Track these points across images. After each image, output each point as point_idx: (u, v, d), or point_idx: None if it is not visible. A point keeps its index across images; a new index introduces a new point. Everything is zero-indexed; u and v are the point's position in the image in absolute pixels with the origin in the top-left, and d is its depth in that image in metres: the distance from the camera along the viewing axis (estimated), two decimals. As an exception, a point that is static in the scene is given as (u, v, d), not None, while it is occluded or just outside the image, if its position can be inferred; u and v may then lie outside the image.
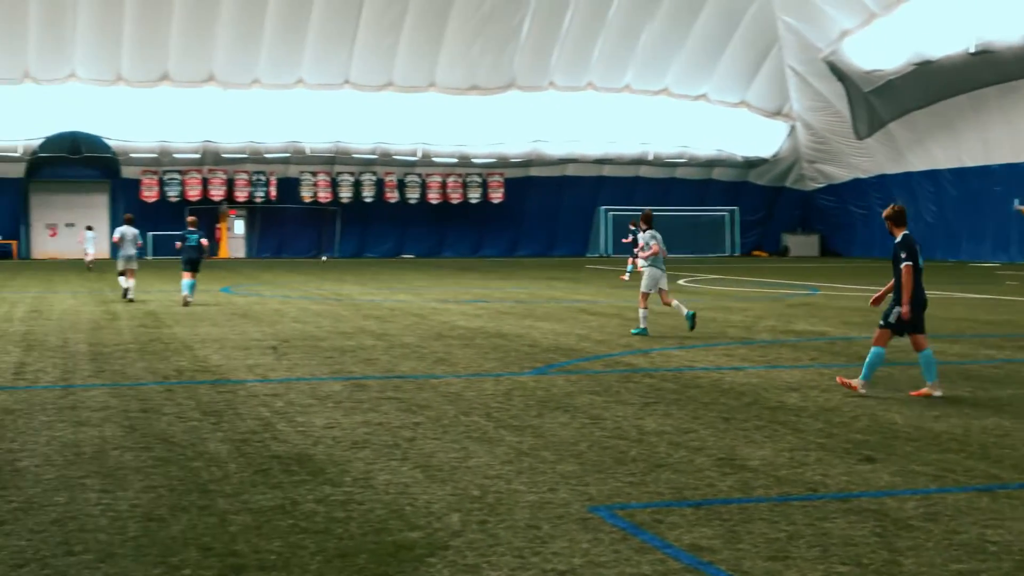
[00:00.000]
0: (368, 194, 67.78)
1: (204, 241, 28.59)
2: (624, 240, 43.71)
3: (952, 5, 53.50)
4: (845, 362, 16.61)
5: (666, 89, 68.37)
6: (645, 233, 21.19)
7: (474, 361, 16.68)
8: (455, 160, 68.92)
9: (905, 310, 13.07)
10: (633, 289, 34.40)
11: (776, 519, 7.82)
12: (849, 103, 63.91)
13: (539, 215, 70.83)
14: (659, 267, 20.81)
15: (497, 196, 69.60)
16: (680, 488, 8.72)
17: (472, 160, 69.06)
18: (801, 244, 73.30)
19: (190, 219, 29.32)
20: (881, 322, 13.35)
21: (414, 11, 61.35)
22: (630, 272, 38.70)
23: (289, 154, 66.34)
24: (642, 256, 21.18)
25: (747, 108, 70.00)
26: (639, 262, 21.92)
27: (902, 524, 7.70)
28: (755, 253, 73.63)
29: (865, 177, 67.48)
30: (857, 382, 13.39)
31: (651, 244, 20.91)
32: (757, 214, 74.25)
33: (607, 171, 71.42)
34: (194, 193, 65.10)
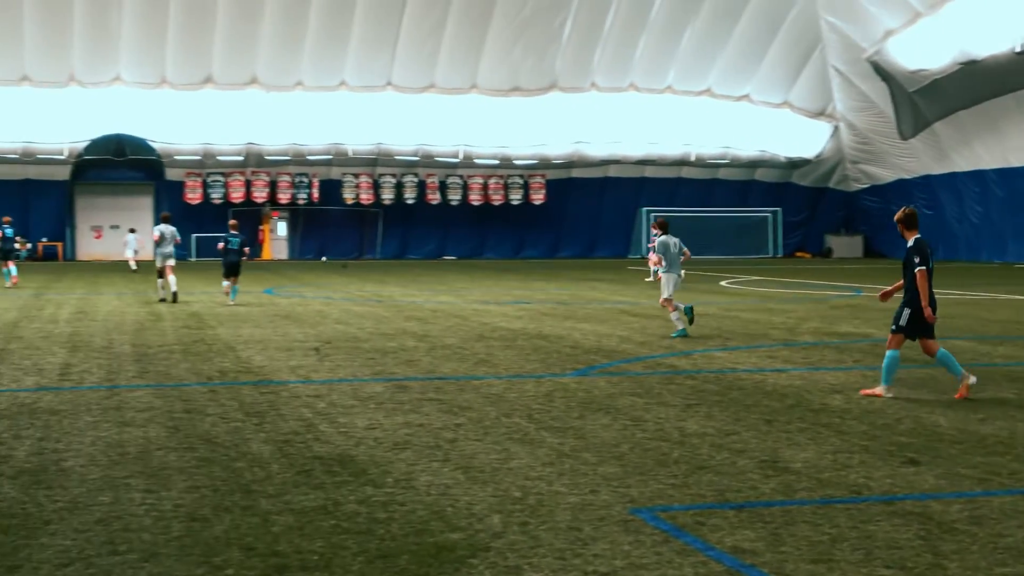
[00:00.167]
0: (410, 196, 67.90)
1: (247, 249, 29.22)
2: (649, 245, 43.66)
3: (998, 4, 52.95)
4: (889, 364, 16.46)
5: (709, 90, 68.11)
6: (658, 239, 21.44)
7: (515, 362, 16.68)
8: (497, 162, 68.92)
9: (928, 313, 13.01)
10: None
11: (819, 522, 7.78)
12: (893, 103, 63.40)
13: (581, 216, 70.72)
14: (676, 271, 21.01)
15: (539, 197, 69.54)
16: (722, 490, 8.69)
17: (514, 161, 69.04)
18: (844, 245, 72.83)
19: (232, 223, 30.06)
20: (893, 326, 13.32)
21: (456, 13, 61.43)
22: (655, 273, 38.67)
23: (331, 156, 66.55)
24: (652, 263, 21.34)
25: (790, 109, 69.58)
26: (659, 269, 22.00)
27: (947, 527, 7.65)
28: (798, 254, 73.24)
29: (909, 178, 66.86)
30: (880, 389, 13.35)
31: (651, 255, 21.06)
32: (800, 215, 73.83)
33: (649, 172, 71.20)
34: (237, 195, 65.45)
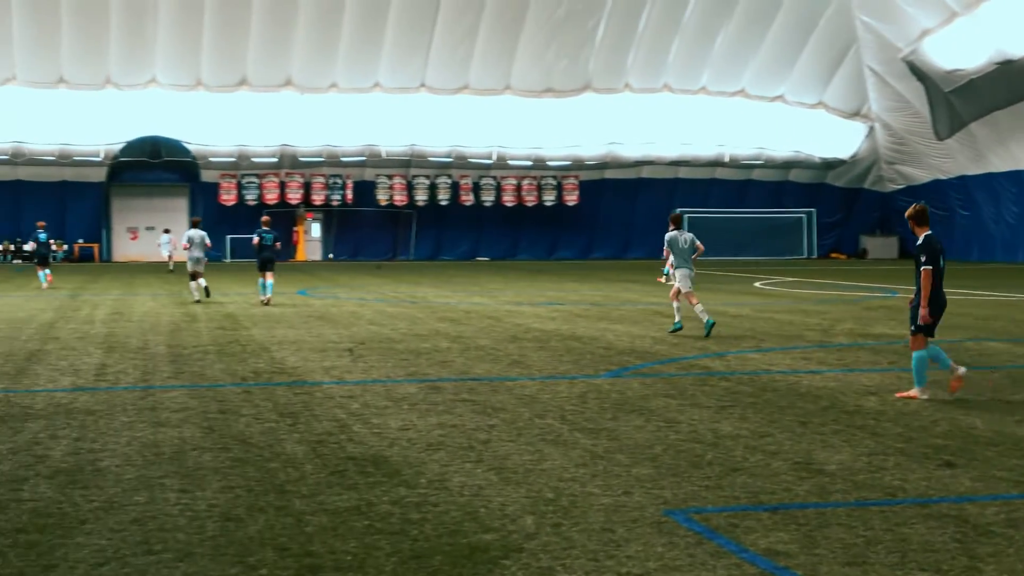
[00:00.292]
0: (443, 197, 68.03)
1: (278, 244, 30.05)
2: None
3: (1035, 3, 52.62)
4: (925, 366, 16.36)
5: (742, 90, 67.95)
6: (667, 235, 21.56)
7: (549, 363, 16.67)
8: (530, 163, 68.95)
9: (923, 312, 13.04)
10: (702, 292, 34.23)
11: (854, 524, 7.74)
12: (929, 103, 63.00)
13: (614, 218, 70.64)
14: (687, 267, 21.18)
15: (572, 199, 69.54)
16: (756, 492, 8.66)
17: (547, 163, 69.05)
18: (880, 246, 72.46)
19: (264, 219, 30.89)
20: (912, 328, 13.31)
21: (489, 15, 61.51)
22: (666, 275, 38.48)
23: (365, 157, 66.77)
24: (667, 260, 21.42)
25: (825, 109, 69.31)
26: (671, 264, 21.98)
27: (982, 530, 7.59)
28: (833, 255, 72.92)
29: (945, 178, 66.43)
30: (914, 391, 13.28)
31: (664, 250, 21.20)
32: (835, 216, 73.51)
33: (683, 173, 71.09)
34: (271, 196, 65.73)
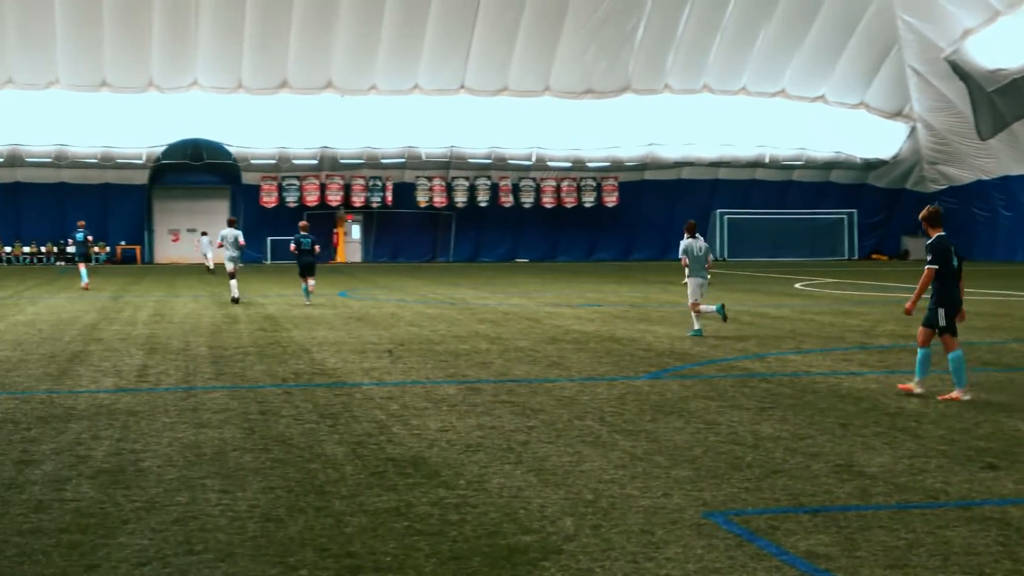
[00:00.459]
0: (483, 198, 68.09)
1: (317, 248, 30.55)
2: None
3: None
4: (967, 367, 16.23)
5: (783, 91, 67.63)
6: (682, 243, 21.72)
7: (588, 365, 16.66)
8: (569, 164, 68.88)
9: (908, 306, 13.66)
10: (742, 293, 34.11)
11: (895, 527, 7.69)
12: (971, 103, 62.51)
13: (654, 219, 70.40)
14: (700, 275, 21.43)
15: (611, 200, 69.42)
16: (796, 494, 8.62)
17: (587, 164, 68.96)
18: (922, 247, 71.48)
19: (303, 224, 31.38)
20: (936, 331, 13.50)
21: (529, 16, 61.50)
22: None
23: (405, 159, 66.92)
24: (684, 264, 21.53)
25: (866, 109, 68.89)
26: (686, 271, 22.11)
27: (1026, 534, 7.53)
28: (874, 256, 72.46)
29: (988, 179, 65.93)
30: (956, 392, 13.27)
31: (681, 258, 21.56)
32: (876, 217, 73.04)
33: (723, 174, 70.86)
34: (312, 198, 65.98)
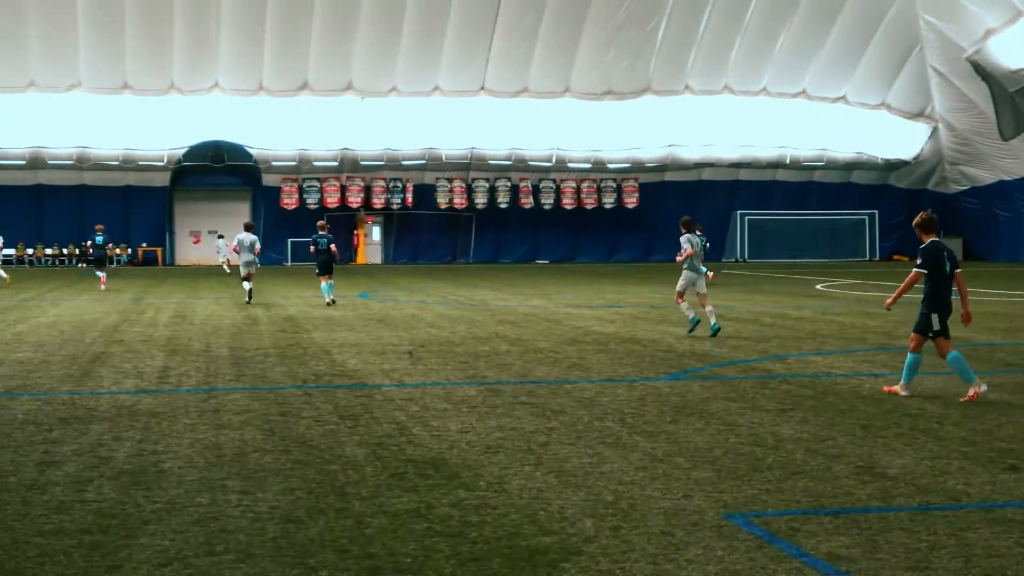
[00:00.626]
0: (503, 200, 68.10)
1: (333, 247, 30.67)
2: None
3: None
4: (989, 368, 16.20)
5: (804, 91, 67.44)
6: (682, 236, 22.04)
7: (608, 366, 16.65)
8: (590, 165, 68.84)
9: (888, 302, 13.97)
10: (762, 294, 34.08)
11: (917, 529, 7.67)
12: (994, 103, 62.27)
13: (674, 220, 69.62)
14: (695, 270, 21.79)
15: (632, 201, 69.34)
16: (817, 496, 8.59)
17: (607, 165, 68.90)
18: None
19: (320, 223, 31.65)
20: (930, 335, 13.53)
21: (549, 18, 61.50)
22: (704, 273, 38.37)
23: (425, 161, 67.00)
24: (678, 259, 21.81)
25: (888, 110, 68.66)
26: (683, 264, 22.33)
27: (1049, 536, 7.49)
28: (895, 257, 72.18)
29: (1010, 179, 65.62)
30: (971, 391, 13.27)
31: (685, 247, 21.83)
32: (898, 218, 72.67)
33: (743, 175, 70.71)
34: (332, 200, 66.10)
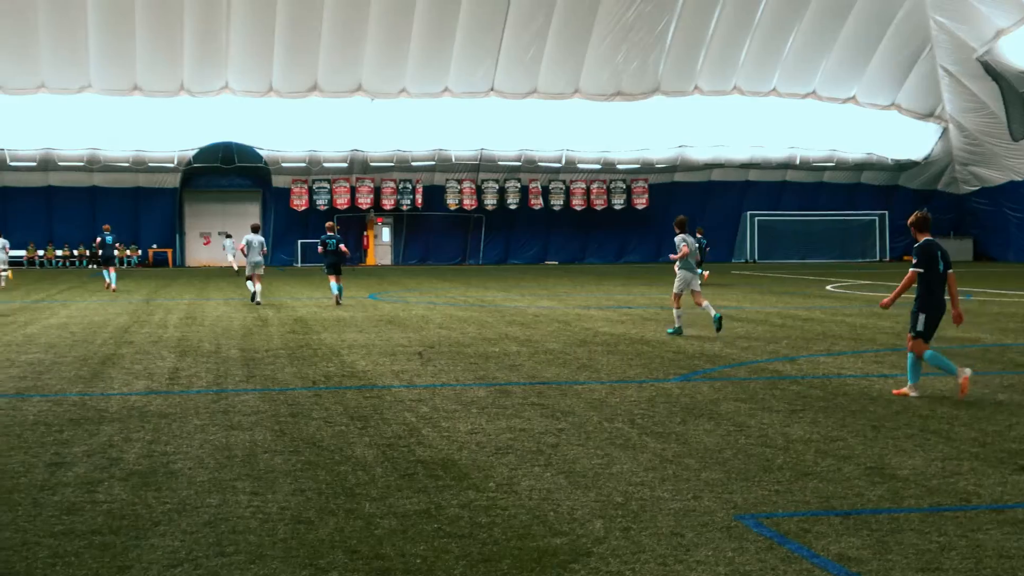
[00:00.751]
0: (512, 201, 68.10)
1: (343, 247, 31.00)
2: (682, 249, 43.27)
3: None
4: (1000, 369, 16.18)
5: (814, 92, 67.35)
6: (677, 237, 22.15)
7: (618, 367, 16.64)
8: (599, 166, 68.81)
9: (884, 301, 14.09)
10: (773, 295, 34.01)
11: (927, 530, 7.65)
12: (1004, 104, 62.16)
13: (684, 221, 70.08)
14: (690, 269, 21.92)
15: (641, 202, 69.30)
16: (827, 497, 8.58)
17: (616, 166, 68.88)
18: (954, 249, 71.32)
19: (329, 224, 31.97)
20: (911, 332, 13.80)
21: (558, 18, 61.49)
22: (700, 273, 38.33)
23: (435, 162, 67.02)
24: (672, 258, 21.97)
25: (898, 110, 68.54)
26: (676, 264, 22.51)
27: (1060, 537, 7.47)
28: (906, 258, 71.95)
29: (1021, 180, 65.49)
30: (962, 378, 13.47)
31: (680, 247, 21.92)
32: (908, 218, 72.42)
33: (753, 176, 70.64)
34: (342, 201, 66.14)
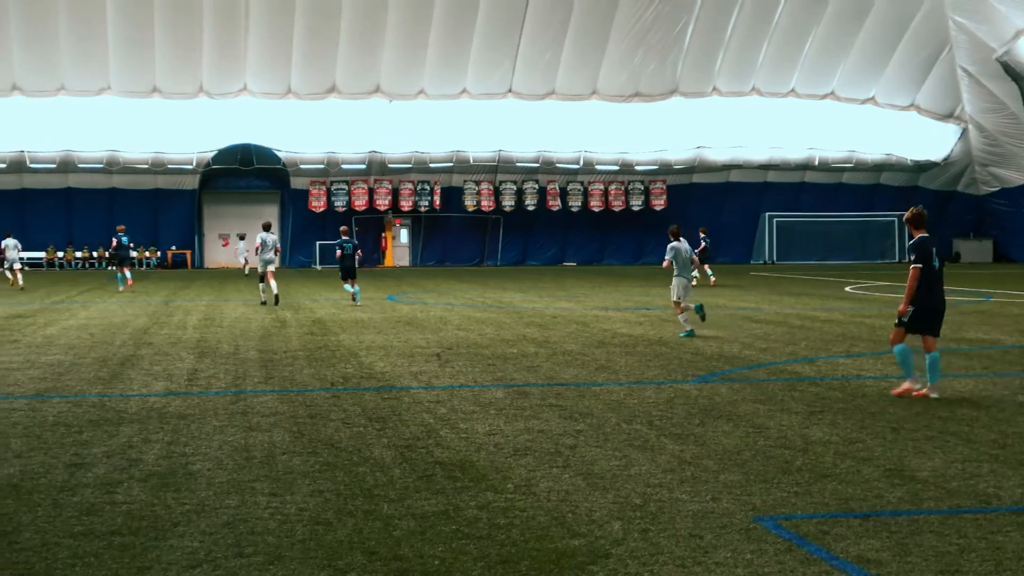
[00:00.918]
0: (530, 202, 68.07)
1: (359, 252, 31.58)
2: (697, 250, 43.14)
3: None
4: (1020, 371, 16.11)
5: (833, 93, 67.17)
6: (669, 245, 22.59)
7: (636, 369, 16.62)
8: (617, 167, 68.74)
9: (902, 307, 13.70)
10: (791, 296, 33.93)
11: (947, 532, 7.63)
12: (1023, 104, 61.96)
13: (702, 222, 69.71)
14: (685, 276, 22.36)
15: (659, 203, 69.19)
16: (847, 499, 8.56)
17: (634, 167, 68.80)
18: (973, 250, 71.17)
19: (343, 228, 32.36)
20: (896, 323, 13.83)
21: (576, 20, 61.47)
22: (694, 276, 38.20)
23: (453, 163, 67.03)
24: (664, 266, 22.90)
25: (917, 111, 68.31)
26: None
27: (1081, 539, 7.44)
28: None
29: (1041, 181, 65.37)
30: (906, 385, 13.68)
31: (666, 257, 22.57)
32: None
33: (772, 177, 70.46)
34: (360, 203, 66.21)
